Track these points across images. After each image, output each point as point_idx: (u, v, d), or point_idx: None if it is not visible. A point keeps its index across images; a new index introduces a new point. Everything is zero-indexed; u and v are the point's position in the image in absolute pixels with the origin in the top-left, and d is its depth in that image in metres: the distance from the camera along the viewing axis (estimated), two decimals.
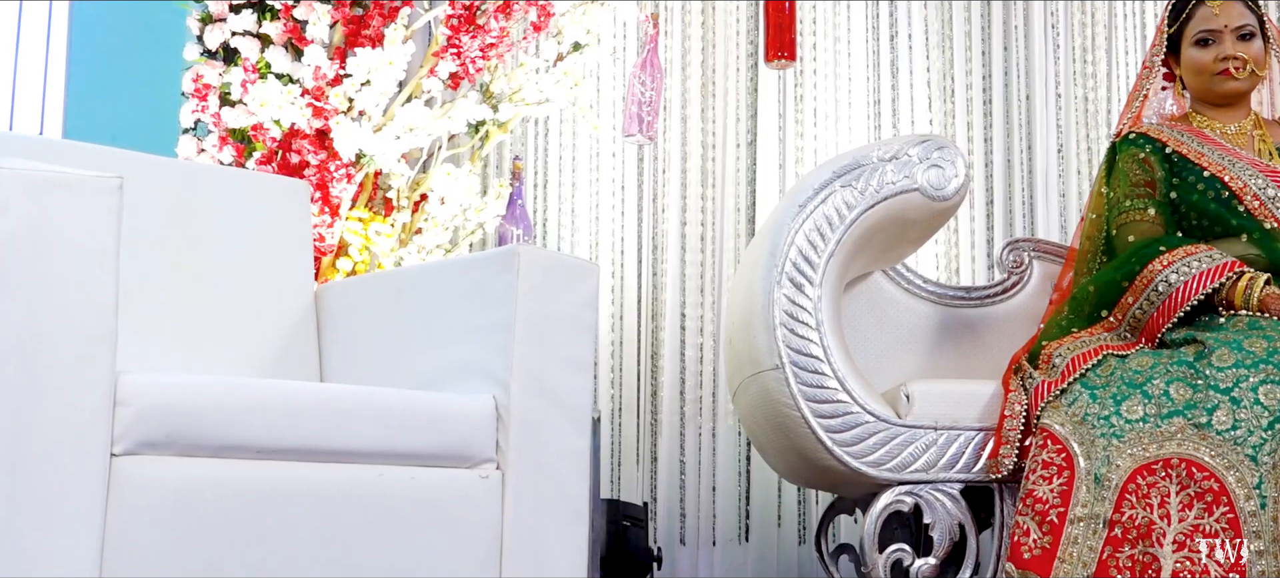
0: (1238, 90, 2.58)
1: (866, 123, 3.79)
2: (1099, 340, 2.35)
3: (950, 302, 2.86)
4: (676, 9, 3.77)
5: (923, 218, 2.39)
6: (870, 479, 2.31)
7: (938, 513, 2.30)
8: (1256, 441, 2.07)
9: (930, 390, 2.33)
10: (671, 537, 3.59)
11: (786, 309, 2.31)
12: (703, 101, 3.76)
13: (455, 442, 1.81)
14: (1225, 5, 2.57)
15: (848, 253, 2.35)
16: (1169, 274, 2.34)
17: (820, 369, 2.30)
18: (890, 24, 3.82)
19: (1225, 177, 2.49)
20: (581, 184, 3.71)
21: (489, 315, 1.88)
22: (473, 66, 3.21)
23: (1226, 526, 2.03)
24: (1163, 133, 2.59)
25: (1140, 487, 2.08)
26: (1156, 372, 2.19)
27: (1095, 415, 2.17)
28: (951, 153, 2.38)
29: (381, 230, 3.15)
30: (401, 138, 3.14)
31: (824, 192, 2.35)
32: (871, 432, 2.30)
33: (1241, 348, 2.16)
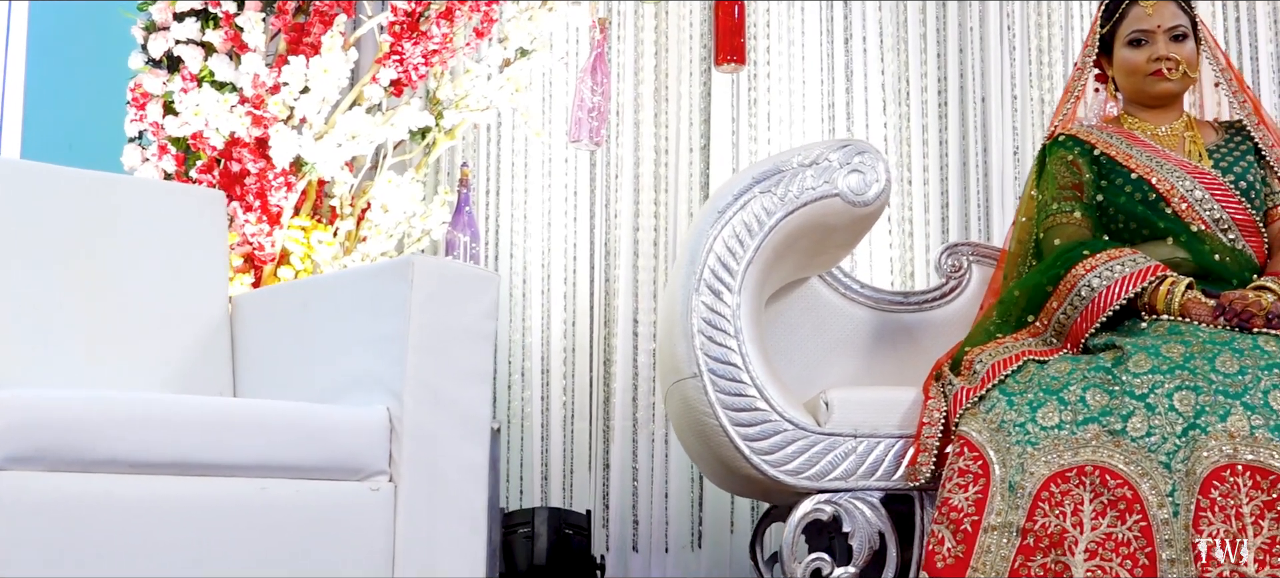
0: (1170, 91, 2.55)
1: (820, 126, 3.76)
2: (1022, 346, 2.33)
3: (888, 307, 2.84)
4: (629, 13, 3.76)
5: (844, 223, 2.37)
6: (789, 488, 2.29)
7: (857, 522, 2.27)
8: (1170, 448, 2.05)
9: (850, 398, 2.31)
10: (624, 543, 3.57)
11: (705, 317, 2.30)
12: (656, 106, 3.74)
13: (344, 454, 1.79)
14: (1158, 6, 2.55)
15: (768, 260, 2.34)
16: (1091, 279, 2.32)
17: (739, 377, 2.29)
18: (844, 26, 3.79)
19: (1152, 178, 2.47)
20: (534, 190, 3.69)
21: (384, 326, 1.87)
22: (415, 73, 3.20)
23: (1139, 534, 2.01)
24: (1092, 135, 2.56)
25: (1054, 495, 2.06)
26: (1074, 378, 2.17)
27: (1011, 423, 2.15)
28: (872, 158, 2.36)
29: (324, 239, 3.14)
30: (343, 145, 3.14)
31: (743, 198, 2.33)
32: (790, 440, 2.28)
33: (1159, 354, 2.14)
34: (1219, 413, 2.03)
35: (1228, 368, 2.09)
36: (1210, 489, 1.98)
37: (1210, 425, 2.03)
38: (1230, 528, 1.96)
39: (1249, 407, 2.03)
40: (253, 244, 3.01)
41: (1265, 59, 3.82)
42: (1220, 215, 2.44)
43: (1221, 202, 2.45)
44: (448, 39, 3.21)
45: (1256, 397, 2.04)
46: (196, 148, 3.09)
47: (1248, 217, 2.46)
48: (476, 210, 3.65)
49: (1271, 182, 2.53)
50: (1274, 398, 2.04)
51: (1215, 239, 2.43)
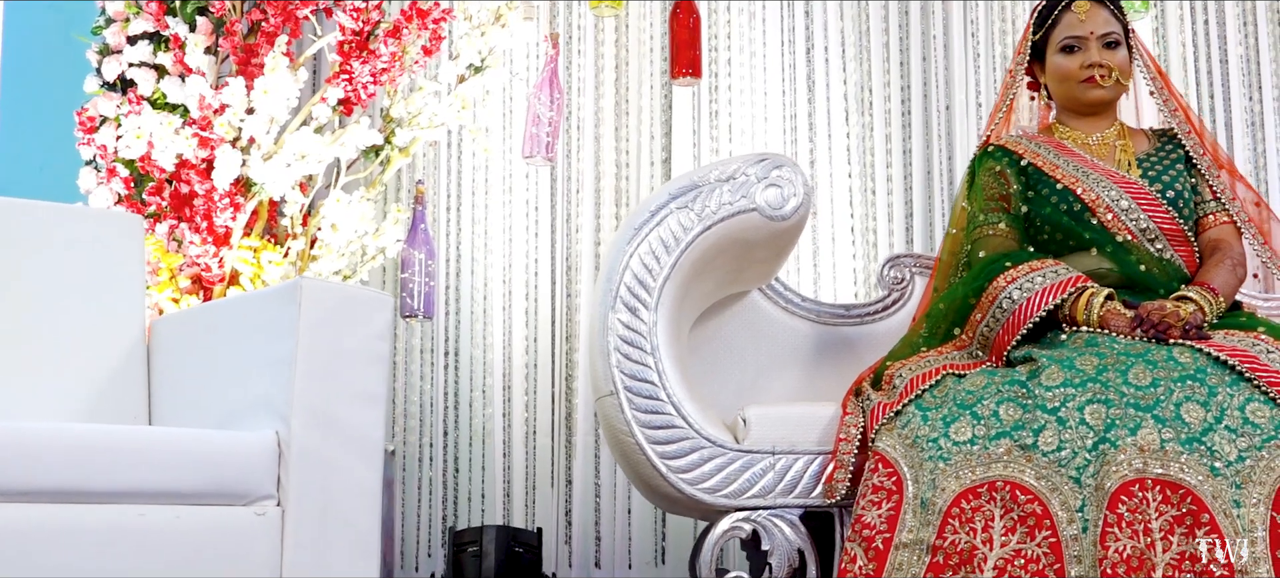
0: (1102, 98, 2.52)
1: (782, 137, 3.74)
2: (944, 360, 2.30)
3: (830, 320, 2.82)
4: (589, 27, 3.75)
5: (764, 238, 2.35)
6: (707, 506, 2.27)
7: (776, 539, 2.25)
8: (1080, 462, 2.01)
9: (768, 415, 2.29)
10: (587, 560, 3.56)
11: (622, 334, 2.28)
12: (616, 120, 3.73)
13: (230, 479, 1.79)
14: (1091, 12, 2.52)
15: (685, 276, 2.32)
16: (1012, 291, 2.29)
17: (655, 394, 2.27)
18: (806, 36, 3.77)
19: (1078, 188, 2.43)
20: (494, 206, 3.69)
21: (275, 350, 1.87)
22: (364, 92, 3.21)
23: (1048, 550, 1.98)
24: (1020, 145, 2.53)
25: (964, 511, 2.03)
26: (988, 392, 2.14)
27: (925, 438, 2.12)
28: (790, 172, 2.34)
29: (273, 259, 3.15)
30: (292, 165, 3.15)
31: (659, 214, 2.32)
32: (707, 457, 2.26)
33: (1073, 366, 2.10)
34: (1129, 426, 2.00)
35: (1140, 380, 2.05)
36: (1118, 504, 1.94)
37: (1120, 439, 1.99)
38: (1138, 543, 1.92)
39: (1160, 420, 1.99)
40: (199, 265, 3.03)
41: (1235, 61, 3.76)
42: (1147, 225, 2.41)
43: (1148, 211, 2.41)
44: (396, 57, 3.22)
45: (1168, 410, 2.00)
46: (145, 170, 3.12)
47: (1175, 226, 2.42)
48: (437, 227, 3.66)
49: (1202, 190, 2.49)
50: (1186, 411, 2.00)
51: (1142, 249, 2.39)
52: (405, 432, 3.60)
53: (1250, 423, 1.99)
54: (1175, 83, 3.75)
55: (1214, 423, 1.99)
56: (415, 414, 3.61)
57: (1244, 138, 3.73)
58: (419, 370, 3.63)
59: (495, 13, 3.38)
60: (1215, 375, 2.04)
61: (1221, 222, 2.47)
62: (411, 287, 3.38)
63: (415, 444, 3.60)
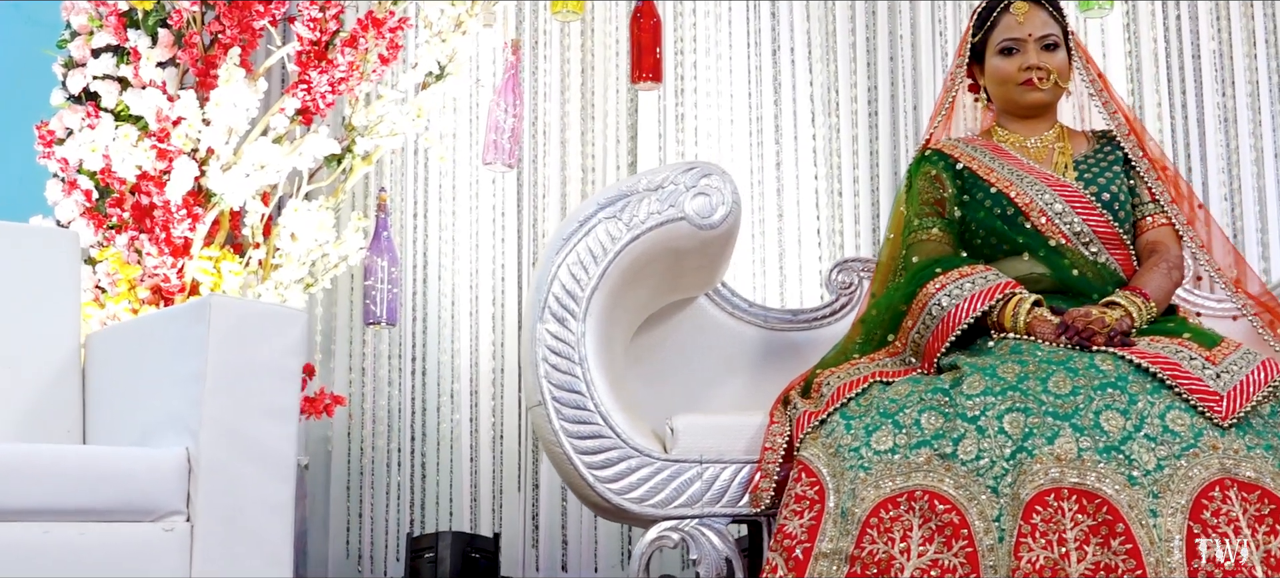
0: (1041, 101, 2.50)
1: (748, 140, 3.74)
2: (876, 367, 2.29)
3: (777, 325, 2.82)
4: (555, 32, 3.76)
5: (694, 247, 2.35)
6: (635, 516, 2.28)
7: (703, 548, 2.25)
8: (998, 471, 2.00)
9: (695, 424, 2.29)
10: (553, 563, 3.57)
11: (550, 345, 2.29)
12: (582, 124, 3.74)
13: (137, 495, 1.81)
14: (1029, 15, 2.50)
15: (614, 286, 2.32)
16: (941, 297, 2.27)
17: (584, 405, 2.27)
18: (772, 38, 3.76)
19: (1011, 193, 2.42)
20: (461, 212, 3.71)
21: (185, 366, 1.89)
22: (323, 101, 3.22)
23: (964, 560, 1.96)
24: (956, 149, 2.52)
25: (883, 520, 2.02)
26: (911, 401, 2.12)
27: (847, 447, 2.11)
28: (719, 180, 2.33)
29: (233, 269, 3.17)
30: (251, 176, 3.17)
31: (588, 224, 2.32)
32: (635, 467, 2.26)
33: (995, 374, 2.09)
34: (1047, 435, 1.98)
35: (1060, 389, 2.04)
36: (1032, 514, 1.93)
37: (1037, 448, 1.98)
38: (1052, 553, 1.90)
39: (1078, 428, 1.98)
40: (158, 277, 3.05)
41: (1207, 57, 3.73)
42: (1081, 228, 2.39)
43: (1082, 215, 2.39)
44: (354, 67, 3.23)
45: (1087, 418, 1.99)
46: (106, 182, 3.15)
47: (1110, 229, 2.40)
48: (403, 234, 3.68)
49: (1141, 192, 2.47)
50: (1105, 419, 1.98)
51: (1076, 253, 2.37)
52: (373, 437, 3.63)
53: (1170, 432, 1.97)
54: (1148, 79, 3.73)
55: (1133, 432, 1.97)
56: (383, 420, 3.63)
57: (1217, 134, 3.70)
58: (386, 377, 3.65)
59: (456, 20, 3.39)
60: (1136, 383, 2.02)
61: (1159, 224, 2.44)
62: (375, 294, 3.40)
63: (383, 450, 3.62)
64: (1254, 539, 1.88)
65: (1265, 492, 1.91)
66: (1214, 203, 3.67)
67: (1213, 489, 1.91)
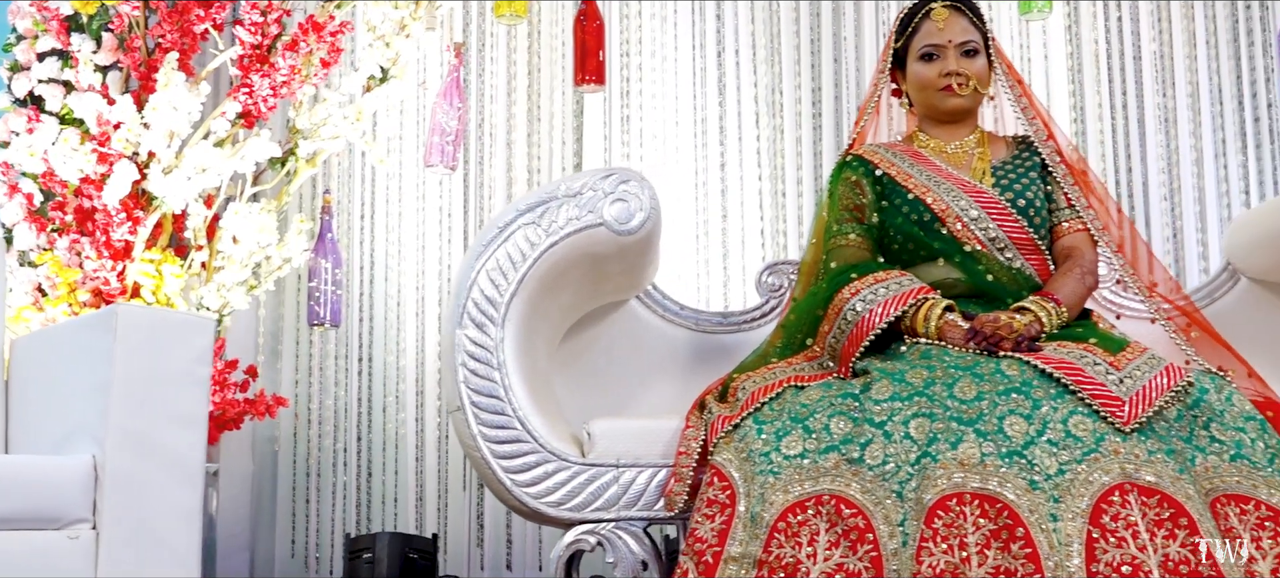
0: (960, 107, 2.52)
1: (693, 142, 3.76)
2: (794, 371, 2.31)
3: (708, 327, 2.84)
4: (501, 34, 3.77)
5: (613, 253, 2.37)
6: (552, 519, 2.30)
7: (620, 552, 2.27)
8: (903, 476, 2.02)
9: (612, 428, 2.31)
10: (498, 562, 3.60)
11: (469, 350, 2.30)
12: (528, 126, 3.76)
13: (43, 503, 1.83)
14: (949, 21, 2.52)
15: (534, 291, 2.33)
16: (856, 303, 2.30)
17: (502, 410, 2.29)
18: (717, 39, 3.78)
19: (928, 198, 2.44)
20: (408, 214, 3.72)
21: (94, 375, 1.90)
22: (264, 105, 3.23)
23: (869, 564, 1.98)
24: (876, 154, 2.54)
25: (790, 525, 2.04)
26: (821, 406, 2.15)
27: (758, 452, 2.13)
28: (638, 186, 2.35)
29: (174, 272, 3.18)
30: (192, 179, 3.18)
31: (507, 230, 2.33)
32: (552, 471, 2.28)
33: (903, 379, 2.11)
34: (950, 440, 2.00)
35: (965, 394, 2.06)
36: (934, 518, 1.95)
37: (941, 453, 2.00)
38: (953, 558, 1.93)
39: (981, 434, 2.00)
40: (97, 280, 3.06)
41: (1148, 58, 3.76)
42: (996, 234, 2.41)
43: (997, 220, 2.41)
44: (295, 70, 3.24)
45: (991, 423, 2.01)
46: (47, 186, 3.15)
47: (1025, 235, 2.42)
48: (350, 235, 3.70)
49: (1057, 197, 2.49)
50: (1009, 424, 2.00)
51: (991, 259, 2.40)
52: (319, 438, 3.64)
53: (1072, 436, 1.99)
54: (1089, 80, 3.76)
55: (1036, 436, 1.99)
56: (329, 420, 3.65)
57: (1157, 134, 3.73)
58: (333, 377, 3.66)
59: (399, 23, 3.40)
60: (1041, 388, 2.04)
61: (1075, 229, 2.47)
62: (318, 295, 3.42)
63: (329, 450, 3.64)
64: (1152, 543, 1.90)
65: (1165, 496, 1.93)
66: (1154, 203, 3.71)
67: (1112, 494, 1.93)
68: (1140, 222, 3.70)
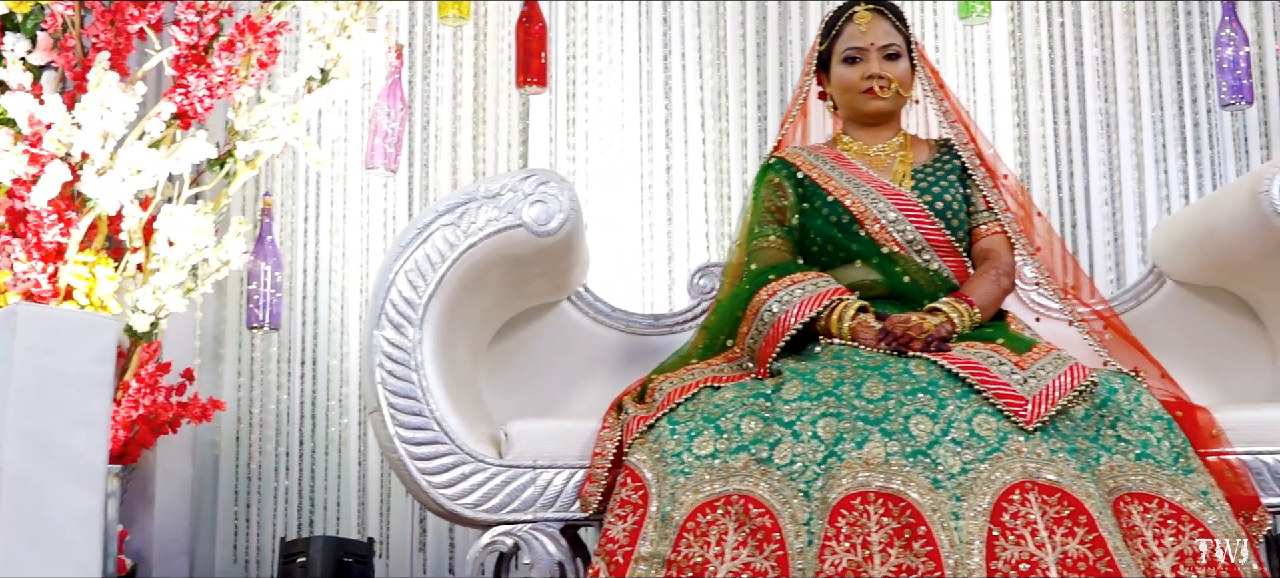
0: (882, 110, 2.53)
1: (639, 144, 3.77)
2: (713, 372, 2.32)
3: (639, 329, 2.84)
4: (448, 36, 3.78)
5: (532, 254, 2.37)
6: (469, 521, 2.30)
7: (536, 553, 2.28)
8: (810, 476, 2.03)
9: (529, 429, 2.31)
10: (440, 566, 3.59)
11: (387, 351, 2.31)
12: (474, 128, 3.76)
13: None
14: (872, 24, 2.53)
15: (453, 293, 2.34)
16: (772, 304, 2.31)
17: (419, 411, 2.29)
18: (663, 42, 3.79)
19: (847, 200, 2.45)
20: (352, 216, 3.72)
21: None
22: (200, 106, 3.23)
23: (775, 564, 1.99)
24: (799, 157, 2.55)
25: (700, 524, 2.05)
26: (733, 406, 2.16)
27: (670, 452, 2.14)
28: (557, 187, 2.36)
29: (108, 274, 3.17)
30: (127, 180, 3.17)
31: (426, 231, 2.34)
32: (469, 473, 2.29)
33: (813, 379, 2.12)
34: (856, 440, 2.01)
35: (873, 394, 2.07)
36: (838, 517, 1.96)
37: (846, 453, 2.01)
38: (855, 556, 1.93)
39: (887, 433, 2.01)
40: (27, 282, 3.06)
41: (1090, 62, 3.78)
42: (914, 236, 2.42)
43: (915, 222, 2.43)
44: (232, 71, 3.24)
45: (897, 423, 2.02)
46: None
47: (943, 237, 2.44)
48: (293, 238, 3.69)
49: (976, 200, 2.50)
50: (914, 424, 2.02)
51: (908, 261, 2.41)
52: (261, 441, 3.63)
53: (976, 436, 2.00)
54: (1032, 85, 3.78)
55: (940, 436, 2.00)
56: (272, 424, 3.64)
57: (1099, 139, 3.75)
58: (275, 380, 3.66)
59: (340, 24, 3.40)
60: (947, 388, 2.05)
61: (993, 232, 2.49)
62: (257, 298, 3.41)
63: (271, 454, 3.63)
64: (1052, 541, 1.91)
65: (1065, 494, 1.95)
66: (1095, 207, 3.73)
67: (1013, 492, 1.95)
68: (1082, 225, 3.72)
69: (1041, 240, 2.52)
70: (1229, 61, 3.42)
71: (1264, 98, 3.72)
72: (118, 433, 3.05)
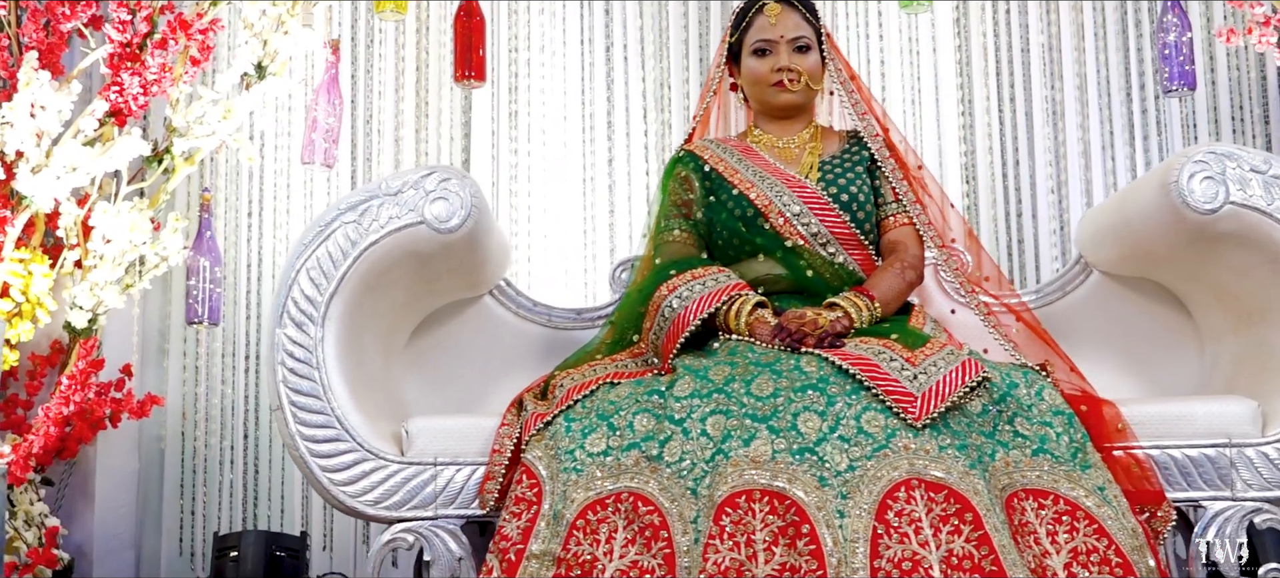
0: (791, 102, 2.51)
1: (581, 137, 3.76)
2: (616, 367, 2.31)
3: (562, 324, 2.83)
4: (390, 30, 3.77)
5: (436, 251, 2.36)
6: (371, 518, 2.30)
7: (437, 550, 2.27)
8: (698, 473, 2.02)
9: (430, 426, 2.31)
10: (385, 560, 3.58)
11: (288, 349, 2.31)
12: (417, 122, 3.75)
13: None
14: (782, 16, 2.51)
15: (355, 290, 2.33)
16: (672, 299, 2.29)
17: (320, 409, 2.29)
18: (605, 34, 3.78)
19: (752, 194, 2.44)
20: (295, 211, 3.72)
21: None
22: (135, 103, 3.23)
23: (662, 561, 1.98)
24: (707, 150, 2.54)
25: (590, 522, 2.04)
26: (627, 403, 2.14)
27: (564, 450, 2.13)
28: (458, 184, 2.34)
29: (43, 271, 3.18)
30: (62, 178, 3.17)
31: (327, 229, 2.33)
32: (370, 470, 2.28)
33: (705, 376, 2.11)
34: (743, 438, 2.00)
35: (762, 391, 2.05)
36: (723, 515, 1.94)
37: (733, 450, 1.99)
38: (738, 555, 1.92)
39: (774, 431, 2.00)
40: None
41: (1037, 50, 3.76)
42: (818, 230, 2.41)
43: (819, 215, 2.41)
44: (165, 68, 3.24)
45: (784, 420, 2.00)
46: None
47: (847, 230, 2.42)
48: (237, 233, 3.69)
49: (885, 192, 2.48)
50: (803, 421, 2.00)
51: (813, 254, 2.40)
52: (206, 436, 3.64)
53: (864, 433, 1.98)
54: (977, 73, 3.76)
55: (828, 433, 1.99)
56: (216, 418, 3.64)
57: (1045, 127, 3.73)
58: (219, 375, 3.66)
59: (277, 20, 3.39)
60: (837, 385, 2.04)
61: (901, 224, 2.47)
62: (196, 294, 3.41)
63: (216, 448, 3.64)
64: (936, 539, 1.90)
65: (952, 491, 1.93)
66: (1041, 196, 3.71)
67: (898, 490, 1.93)
68: (1027, 214, 3.70)
69: (955, 233, 2.51)
70: (1171, 48, 3.38)
71: (1213, 83, 3.69)
72: (48, 430, 3.06)
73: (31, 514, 3.09)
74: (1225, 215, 2.29)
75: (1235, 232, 2.31)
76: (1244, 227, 2.30)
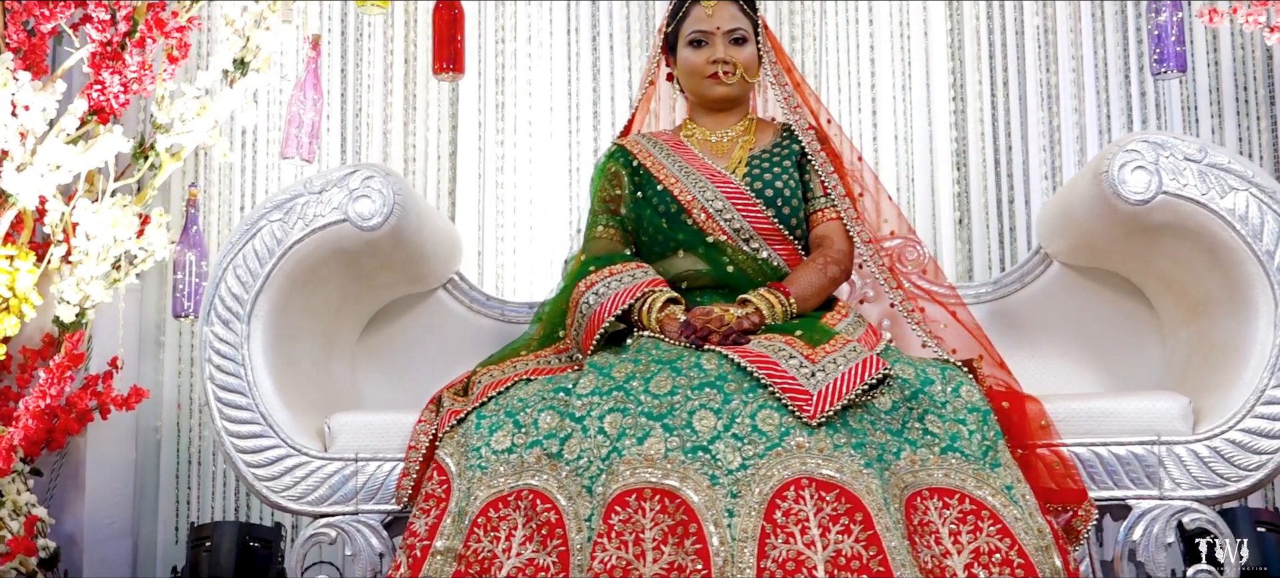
0: (727, 95, 2.48)
1: (567, 129, 3.75)
2: (539, 363, 2.31)
3: (514, 318, 2.84)
4: (378, 24, 3.80)
5: (361, 249, 2.38)
6: (294, 513, 2.32)
7: (357, 545, 2.29)
8: (594, 471, 2.01)
9: (352, 422, 2.33)
10: None
11: (215, 346, 2.34)
12: (405, 115, 3.78)
13: None
14: (718, 8, 2.48)
15: (283, 288, 2.36)
16: (589, 295, 2.28)
17: (245, 405, 2.32)
18: (592, 26, 3.77)
19: (676, 189, 2.41)
20: None
21: None
22: (116, 101, 3.30)
23: (557, 560, 1.98)
24: (637, 145, 2.52)
25: (491, 519, 2.04)
26: (535, 400, 2.14)
27: (471, 447, 2.13)
28: (380, 182, 2.36)
29: (28, 268, 3.27)
30: (45, 175, 3.26)
31: (255, 227, 2.36)
32: (293, 466, 2.31)
33: (608, 374, 2.10)
34: (638, 436, 1.98)
35: (660, 389, 2.03)
36: (612, 514, 1.93)
37: (627, 448, 1.98)
38: (625, 554, 1.91)
39: (668, 429, 1.98)
40: None
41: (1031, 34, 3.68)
42: (741, 225, 2.37)
43: (742, 211, 2.38)
44: (145, 66, 3.30)
45: (680, 418, 1.99)
46: None
47: (771, 225, 2.38)
48: (228, 228, 3.75)
49: (814, 186, 2.44)
50: (698, 419, 1.98)
51: (736, 250, 2.36)
52: (200, 426, 3.71)
53: (758, 431, 1.96)
54: (970, 57, 3.68)
55: (722, 431, 1.96)
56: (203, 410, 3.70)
57: (1038, 112, 3.64)
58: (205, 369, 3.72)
59: (258, 16, 3.44)
60: (734, 382, 2.01)
61: (829, 218, 2.42)
62: (182, 288, 3.48)
63: (210, 440, 3.71)
64: (824, 539, 1.87)
65: (843, 491, 1.90)
66: (1034, 183, 3.62)
67: (788, 489, 1.90)
68: (1019, 200, 3.62)
69: (891, 225, 2.46)
70: (1161, 29, 3.27)
71: (1216, 65, 3.57)
72: (27, 422, 3.14)
73: (19, 505, 3.19)
74: (1158, 206, 2.21)
75: (1170, 222, 2.23)
76: (1178, 217, 2.22)
